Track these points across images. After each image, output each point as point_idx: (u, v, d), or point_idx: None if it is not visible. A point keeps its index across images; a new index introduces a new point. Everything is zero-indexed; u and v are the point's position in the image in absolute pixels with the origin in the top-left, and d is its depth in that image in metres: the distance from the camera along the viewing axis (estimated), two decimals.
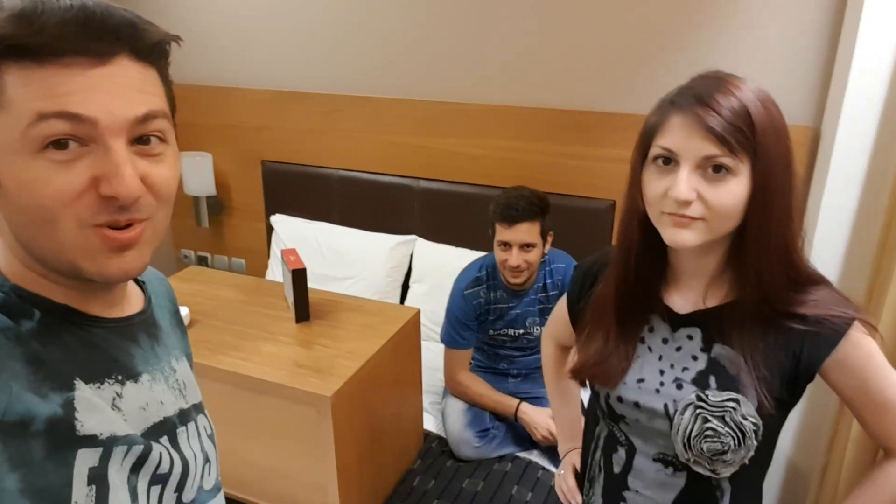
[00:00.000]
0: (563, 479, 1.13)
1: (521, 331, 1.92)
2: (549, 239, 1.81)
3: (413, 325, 1.77)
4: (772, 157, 0.77)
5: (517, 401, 1.87)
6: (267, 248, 2.74)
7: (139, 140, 0.54)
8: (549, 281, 1.89)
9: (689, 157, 0.77)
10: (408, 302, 2.42)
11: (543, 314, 1.91)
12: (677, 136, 0.78)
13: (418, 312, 1.80)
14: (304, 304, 1.72)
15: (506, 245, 1.75)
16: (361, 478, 1.61)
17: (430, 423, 2.00)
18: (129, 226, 0.54)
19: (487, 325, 1.92)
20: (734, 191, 0.77)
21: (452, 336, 1.91)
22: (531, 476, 1.77)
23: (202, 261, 2.95)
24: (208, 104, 2.67)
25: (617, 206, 2.14)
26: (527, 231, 1.72)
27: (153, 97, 0.55)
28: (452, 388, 1.95)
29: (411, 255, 2.45)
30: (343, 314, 1.77)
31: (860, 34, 1.55)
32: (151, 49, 0.54)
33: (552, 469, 1.81)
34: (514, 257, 1.74)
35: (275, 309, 1.80)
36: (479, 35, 2.19)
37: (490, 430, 1.87)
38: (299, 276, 1.68)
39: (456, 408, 1.91)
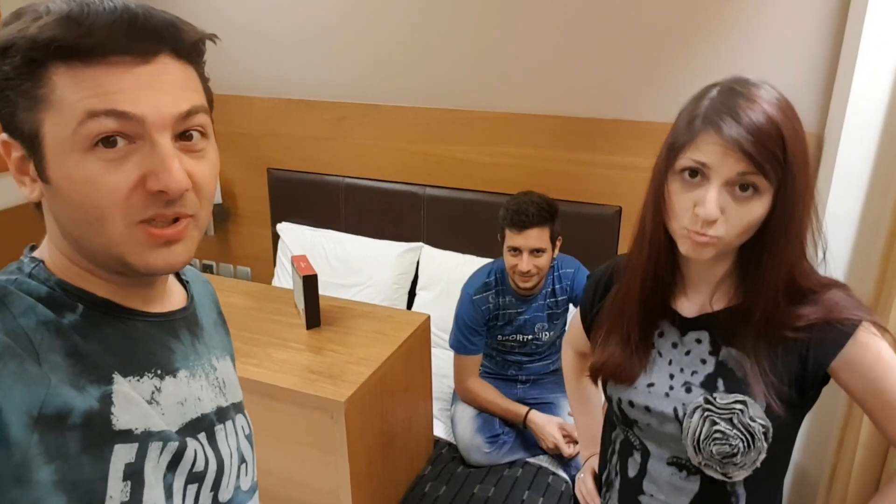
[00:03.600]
0: (583, 482, 1.14)
1: (530, 336, 1.93)
2: (558, 244, 1.83)
3: (423, 331, 1.78)
4: (797, 179, 0.78)
5: (526, 408, 1.88)
6: (273, 256, 2.75)
7: (182, 136, 0.55)
8: (557, 286, 1.90)
9: (722, 173, 0.77)
10: (415, 309, 2.43)
11: (552, 319, 1.92)
12: (712, 152, 0.77)
13: (428, 318, 1.81)
14: (314, 311, 1.73)
15: (516, 250, 1.77)
16: (373, 484, 1.61)
17: (439, 430, 2.01)
18: (175, 220, 0.55)
19: (496, 331, 1.93)
20: (757, 210, 0.78)
21: (462, 342, 1.91)
22: (542, 481, 1.77)
23: (207, 269, 2.95)
24: (214, 112, 2.66)
25: (623, 213, 2.16)
26: (537, 236, 1.73)
27: (194, 94, 0.57)
28: (462, 394, 1.96)
29: (418, 262, 2.46)
30: (353, 320, 1.78)
31: (863, 40, 1.58)
32: (191, 48, 0.57)
33: (562, 474, 1.81)
34: (525, 262, 1.75)
35: (285, 315, 1.81)
36: (487, 43, 2.21)
37: (500, 435, 1.88)
38: (310, 283, 1.69)
39: (466, 414, 1.91)
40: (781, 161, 0.76)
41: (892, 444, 0.89)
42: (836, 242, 1.71)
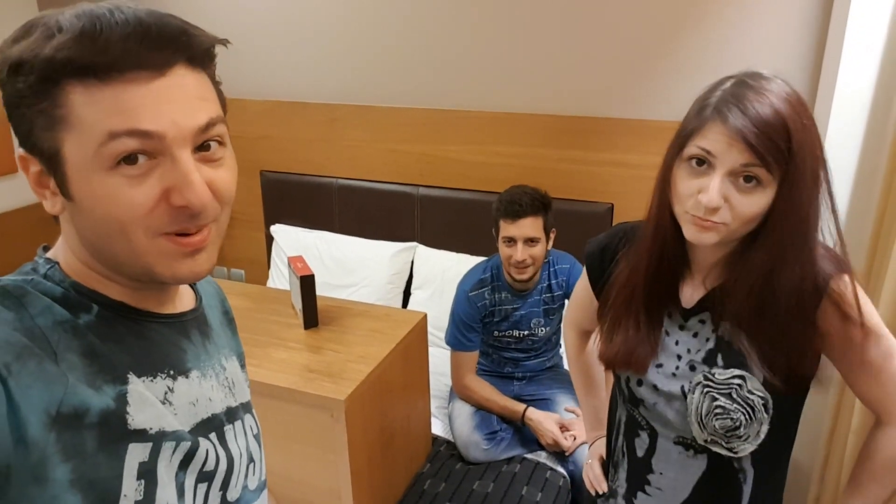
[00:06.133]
0: (591, 467, 1.15)
1: (526, 332, 1.94)
2: (552, 236, 1.85)
3: (420, 330, 1.79)
4: (801, 174, 0.79)
5: (524, 405, 1.89)
6: (267, 258, 2.75)
7: (201, 147, 0.55)
8: (553, 281, 1.92)
9: (726, 163, 0.79)
10: (410, 308, 2.44)
11: (548, 314, 1.94)
12: (717, 141, 0.79)
13: (425, 317, 1.82)
14: (312, 310, 1.73)
15: (511, 241, 1.79)
16: (374, 482, 1.62)
17: (437, 428, 2.02)
18: (197, 230, 0.55)
19: (492, 327, 1.95)
20: (760, 201, 0.80)
21: (458, 339, 1.93)
22: (540, 477, 1.79)
23: None
24: None
25: (615, 209, 2.18)
26: (531, 225, 1.75)
27: (211, 104, 0.56)
28: (459, 392, 1.97)
29: (412, 262, 2.47)
30: (351, 319, 1.79)
31: (848, 30, 1.60)
32: (203, 55, 0.56)
33: (560, 469, 1.83)
34: (520, 252, 1.77)
35: (283, 316, 1.81)
36: (479, 43, 2.23)
37: (498, 432, 1.89)
38: (307, 283, 1.70)
39: (463, 411, 1.92)
40: (785, 154, 0.77)
41: (869, 408, 0.92)
42: (824, 233, 1.74)
